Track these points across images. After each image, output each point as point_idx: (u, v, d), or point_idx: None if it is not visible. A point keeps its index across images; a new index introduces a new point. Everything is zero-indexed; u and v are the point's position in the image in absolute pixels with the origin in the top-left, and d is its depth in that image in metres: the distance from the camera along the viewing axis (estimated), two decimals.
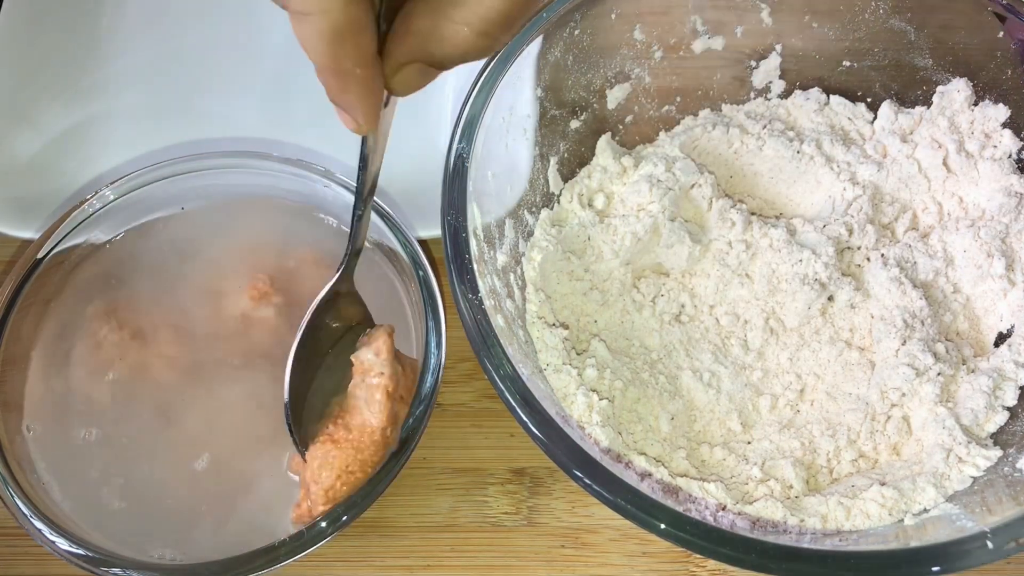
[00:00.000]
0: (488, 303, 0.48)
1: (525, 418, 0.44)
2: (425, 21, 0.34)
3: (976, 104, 0.58)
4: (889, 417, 0.52)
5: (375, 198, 0.55)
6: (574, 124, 0.60)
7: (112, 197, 0.55)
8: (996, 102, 0.58)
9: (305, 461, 0.48)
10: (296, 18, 0.32)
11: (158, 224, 0.57)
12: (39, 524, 0.47)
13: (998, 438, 0.51)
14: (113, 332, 0.54)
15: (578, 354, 0.54)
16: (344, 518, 0.47)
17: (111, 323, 0.54)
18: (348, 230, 0.57)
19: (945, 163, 0.58)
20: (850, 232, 0.57)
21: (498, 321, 0.48)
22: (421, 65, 0.36)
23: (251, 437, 0.52)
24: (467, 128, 0.51)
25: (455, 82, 0.67)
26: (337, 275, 0.49)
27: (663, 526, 0.42)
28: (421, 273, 0.53)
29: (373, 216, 0.54)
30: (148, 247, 0.57)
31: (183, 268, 0.56)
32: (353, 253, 0.49)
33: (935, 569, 0.41)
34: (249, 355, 0.54)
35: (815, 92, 0.62)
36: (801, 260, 0.55)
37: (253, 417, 0.52)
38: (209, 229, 0.57)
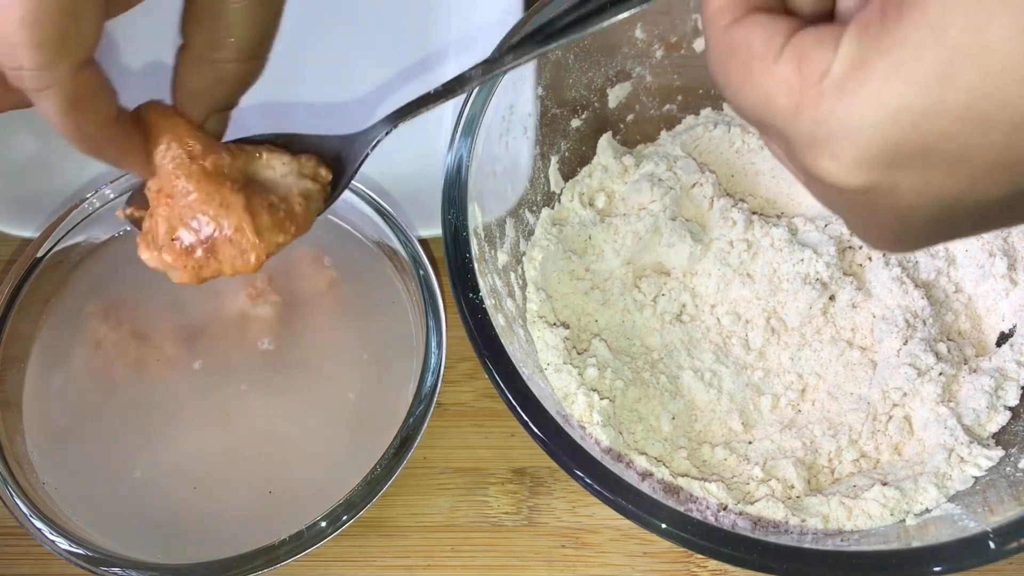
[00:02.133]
0: (488, 302, 0.47)
1: (526, 417, 0.44)
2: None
3: None
4: (891, 417, 0.52)
5: (376, 197, 0.55)
6: (575, 123, 0.60)
7: (112, 196, 0.55)
8: None
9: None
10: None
11: None
12: (39, 524, 0.47)
13: (1000, 438, 0.51)
14: (112, 331, 0.54)
15: (579, 353, 0.54)
16: (344, 518, 0.47)
17: (110, 322, 0.54)
18: (351, 229, 0.57)
19: None
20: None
21: (499, 320, 0.48)
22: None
23: (252, 435, 0.52)
24: (467, 127, 0.51)
25: None
26: None
27: (664, 526, 0.42)
28: (421, 272, 0.53)
29: (374, 215, 0.54)
30: None
31: None
32: None
33: (937, 569, 0.41)
34: (248, 353, 0.53)
35: None
36: (803, 259, 0.55)
37: (254, 415, 0.52)
38: None
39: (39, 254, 0.53)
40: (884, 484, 0.48)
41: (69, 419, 0.52)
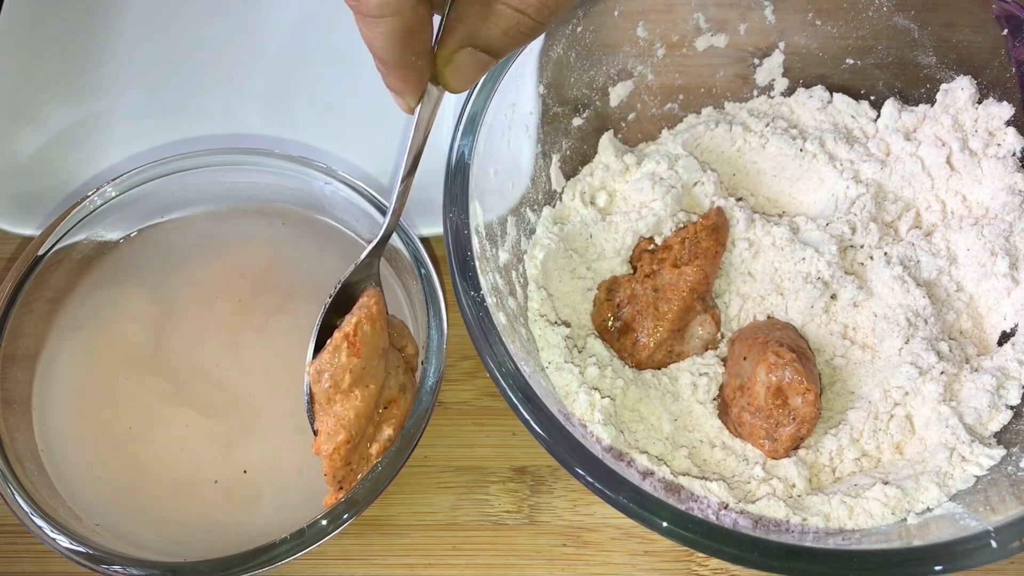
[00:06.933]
0: (490, 301, 0.47)
1: (527, 416, 0.44)
2: (475, 5, 0.37)
3: (980, 102, 0.58)
4: (892, 416, 0.51)
5: (377, 195, 0.55)
6: (576, 121, 0.60)
7: (113, 194, 0.55)
8: (1000, 100, 0.57)
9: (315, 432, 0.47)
10: (366, 21, 0.36)
11: (160, 222, 0.57)
12: (40, 522, 0.47)
13: (1002, 437, 0.51)
14: (120, 329, 0.54)
15: (579, 352, 0.54)
16: (345, 516, 0.47)
17: (118, 320, 0.54)
18: (348, 230, 0.58)
19: (948, 161, 0.58)
20: (853, 230, 0.57)
21: (500, 319, 0.48)
22: (472, 50, 0.38)
23: (257, 436, 0.52)
24: (469, 125, 0.51)
25: None
26: (369, 249, 0.49)
27: (665, 525, 0.42)
28: (423, 271, 0.53)
29: (374, 213, 0.54)
30: (152, 244, 0.57)
31: (188, 265, 0.56)
32: (386, 234, 0.49)
33: (938, 568, 0.41)
34: (261, 350, 0.54)
35: (818, 90, 0.62)
36: (804, 258, 0.55)
37: (261, 415, 0.52)
38: (210, 227, 0.57)
39: (41, 252, 0.53)
40: (885, 483, 0.48)
41: (75, 418, 0.52)
